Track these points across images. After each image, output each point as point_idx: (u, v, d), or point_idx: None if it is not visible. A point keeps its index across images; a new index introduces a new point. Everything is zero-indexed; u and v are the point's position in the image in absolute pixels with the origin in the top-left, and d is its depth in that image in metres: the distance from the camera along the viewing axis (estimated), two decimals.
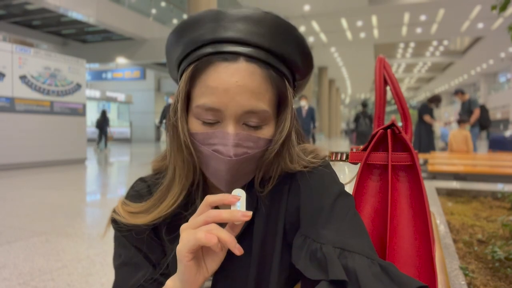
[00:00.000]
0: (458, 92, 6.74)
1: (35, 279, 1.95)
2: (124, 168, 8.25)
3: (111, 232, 0.62)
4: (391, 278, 0.39)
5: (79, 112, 8.26)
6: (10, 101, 6.85)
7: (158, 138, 19.15)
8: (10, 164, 6.79)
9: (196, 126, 0.51)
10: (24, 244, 2.52)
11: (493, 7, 2.01)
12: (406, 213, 0.54)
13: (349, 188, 0.58)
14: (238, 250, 0.43)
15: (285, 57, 0.52)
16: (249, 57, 0.49)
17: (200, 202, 0.50)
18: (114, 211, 0.59)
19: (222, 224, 0.45)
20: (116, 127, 19.41)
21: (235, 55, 0.49)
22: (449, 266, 1.53)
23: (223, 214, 0.43)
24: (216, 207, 0.48)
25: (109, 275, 2.00)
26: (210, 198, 0.45)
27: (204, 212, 0.45)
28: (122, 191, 4.96)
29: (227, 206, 0.45)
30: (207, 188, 0.59)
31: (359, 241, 0.45)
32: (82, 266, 2.13)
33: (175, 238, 0.51)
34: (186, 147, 0.52)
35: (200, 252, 0.46)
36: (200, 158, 0.53)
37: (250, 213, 0.44)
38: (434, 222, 0.98)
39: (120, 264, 0.57)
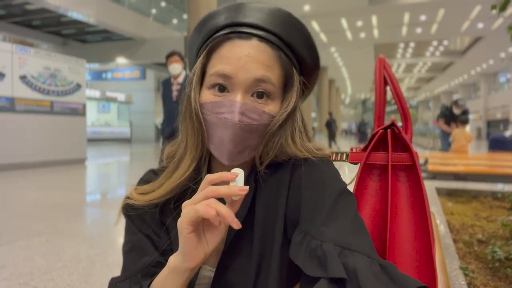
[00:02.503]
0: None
1: (35, 279, 1.95)
2: (124, 168, 8.25)
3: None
4: (391, 277, 0.40)
5: (79, 112, 8.26)
6: (10, 101, 6.85)
7: (158, 138, 19.16)
8: (10, 164, 6.79)
9: (207, 96, 0.56)
10: (24, 244, 2.52)
11: (493, 7, 2.01)
12: (406, 213, 0.54)
13: (349, 188, 0.58)
14: (236, 224, 0.44)
15: (294, 47, 0.58)
16: (262, 38, 0.55)
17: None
18: (126, 197, 0.62)
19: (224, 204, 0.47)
20: (116, 127, 19.43)
21: (249, 35, 0.55)
22: (449, 266, 1.53)
23: (221, 189, 0.46)
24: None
25: (109, 275, 1.99)
26: (210, 176, 0.48)
27: (204, 189, 0.47)
28: (123, 191, 4.96)
29: (227, 184, 0.48)
30: (211, 167, 0.62)
31: (360, 240, 0.45)
32: (82, 266, 2.13)
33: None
34: (196, 115, 0.56)
35: (201, 226, 0.48)
36: (208, 130, 0.56)
37: (247, 187, 0.46)
38: (434, 222, 0.98)
39: (129, 249, 0.60)
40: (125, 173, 7.22)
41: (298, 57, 0.59)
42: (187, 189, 0.59)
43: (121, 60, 14.17)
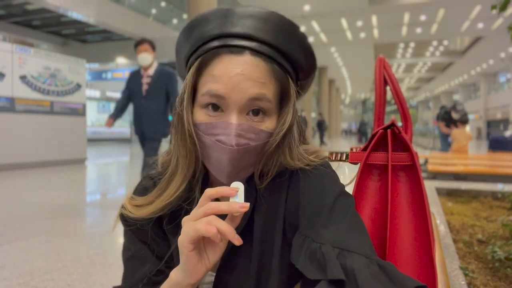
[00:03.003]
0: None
1: (35, 279, 1.95)
2: (124, 168, 8.25)
3: (117, 229, 0.63)
4: (390, 277, 0.39)
5: (79, 112, 8.26)
6: (10, 101, 6.85)
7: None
8: (10, 164, 6.78)
9: (200, 116, 0.53)
10: (24, 244, 2.52)
11: (493, 7, 2.01)
12: (406, 213, 0.54)
13: (349, 188, 0.58)
14: (237, 240, 0.44)
15: (289, 54, 0.54)
16: (254, 51, 0.51)
17: (200, 195, 0.54)
18: (122, 206, 0.61)
19: (223, 217, 0.46)
20: (116, 127, 19.41)
21: (241, 49, 0.51)
22: (449, 266, 1.53)
23: (221, 206, 0.45)
24: (217, 200, 0.49)
25: (109, 275, 2.00)
26: (209, 191, 0.47)
27: (204, 204, 0.46)
28: (122, 191, 4.96)
29: (227, 199, 0.47)
30: (208, 182, 0.61)
31: (358, 241, 0.45)
32: (82, 266, 2.13)
33: (178, 231, 0.53)
34: (190, 136, 0.54)
35: (202, 243, 0.47)
36: (203, 150, 0.55)
37: (248, 204, 0.45)
38: (434, 222, 0.98)
39: (128, 257, 0.60)
40: (125, 173, 7.21)
41: (294, 63, 0.56)
42: (181, 208, 0.58)
43: (121, 60, 14.17)
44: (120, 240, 2.56)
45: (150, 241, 0.60)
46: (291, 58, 0.55)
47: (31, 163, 7.16)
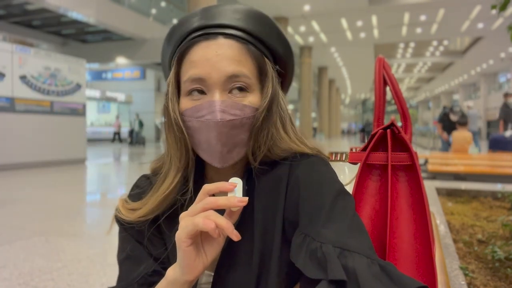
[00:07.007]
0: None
1: (35, 279, 1.95)
2: (124, 168, 8.25)
3: (114, 230, 0.63)
4: (391, 277, 0.39)
5: (79, 112, 8.26)
6: (10, 101, 6.85)
7: (158, 138, 19.16)
8: (10, 164, 6.78)
9: (186, 104, 0.55)
10: (24, 244, 2.52)
11: (493, 7, 2.01)
12: (406, 213, 0.54)
13: (349, 188, 0.58)
14: (235, 235, 0.44)
15: (263, 39, 0.57)
16: (228, 35, 0.55)
17: (194, 187, 0.57)
18: (116, 209, 0.61)
19: (221, 213, 0.46)
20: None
21: (215, 34, 0.55)
22: (449, 266, 1.53)
23: (219, 200, 0.45)
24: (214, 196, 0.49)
25: (109, 275, 2.00)
26: (207, 187, 0.47)
27: (202, 200, 0.46)
28: (122, 190, 4.96)
29: (225, 194, 0.47)
30: (205, 178, 0.62)
31: (359, 241, 0.45)
32: (82, 266, 2.13)
33: (174, 228, 0.52)
34: (176, 124, 0.55)
35: (199, 238, 0.47)
36: (192, 137, 0.56)
37: (246, 199, 0.45)
38: (434, 222, 0.98)
39: (124, 258, 0.60)
40: (125, 173, 7.21)
41: (269, 48, 0.59)
42: (177, 201, 0.58)
43: (121, 60, 14.17)
44: None
45: (146, 242, 0.59)
46: (266, 43, 0.58)
47: (31, 163, 7.16)
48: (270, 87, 0.57)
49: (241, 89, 0.54)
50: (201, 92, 0.54)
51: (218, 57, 0.53)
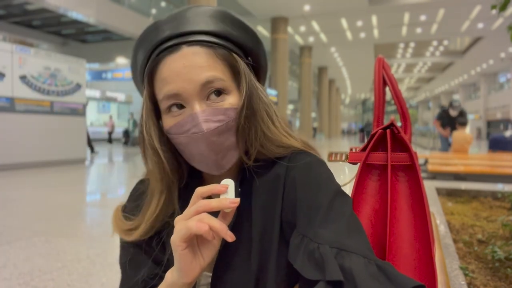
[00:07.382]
0: None
1: (35, 279, 1.95)
2: (124, 168, 8.25)
3: (111, 232, 0.63)
4: (388, 277, 0.39)
5: (79, 112, 8.26)
6: (10, 101, 6.85)
7: None
8: (10, 164, 6.79)
9: (169, 121, 0.55)
10: (24, 244, 2.52)
11: (493, 7, 2.01)
12: (405, 214, 0.54)
13: (349, 188, 0.58)
14: (229, 237, 0.44)
15: (226, 34, 0.55)
16: (189, 42, 0.53)
17: (180, 207, 0.57)
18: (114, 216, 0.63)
19: (216, 215, 0.47)
20: (117, 127, 19.42)
21: (177, 46, 0.53)
22: (449, 266, 1.53)
23: (212, 203, 0.45)
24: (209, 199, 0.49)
25: (109, 275, 2.00)
26: (200, 190, 0.47)
27: (195, 203, 0.47)
28: (122, 191, 4.96)
29: (219, 196, 0.47)
30: (203, 179, 0.63)
31: (356, 241, 0.45)
32: (82, 266, 2.13)
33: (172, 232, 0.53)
34: (152, 148, 0.56)
35: (195, 241, 0.48)
36: (184, 151, 0.56)
37: (238, 200, 0.45)
38: (434, 222, 0.98)
39: (125, 262, 0.60)
40: (125, 173, 7.21)
41: (237, 43, 0.57)
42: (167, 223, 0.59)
43: (121, 60, 14.17)
44: None
45: (146, 246, 0.60)
46: (230, 37, 0.56)
47: (31, 163, 7.17)
48: (245, 83, 0.56)
49: (218, 93, 0.54)
50: (180, 106, 0.53)
51: (186, 69, 0.52)
